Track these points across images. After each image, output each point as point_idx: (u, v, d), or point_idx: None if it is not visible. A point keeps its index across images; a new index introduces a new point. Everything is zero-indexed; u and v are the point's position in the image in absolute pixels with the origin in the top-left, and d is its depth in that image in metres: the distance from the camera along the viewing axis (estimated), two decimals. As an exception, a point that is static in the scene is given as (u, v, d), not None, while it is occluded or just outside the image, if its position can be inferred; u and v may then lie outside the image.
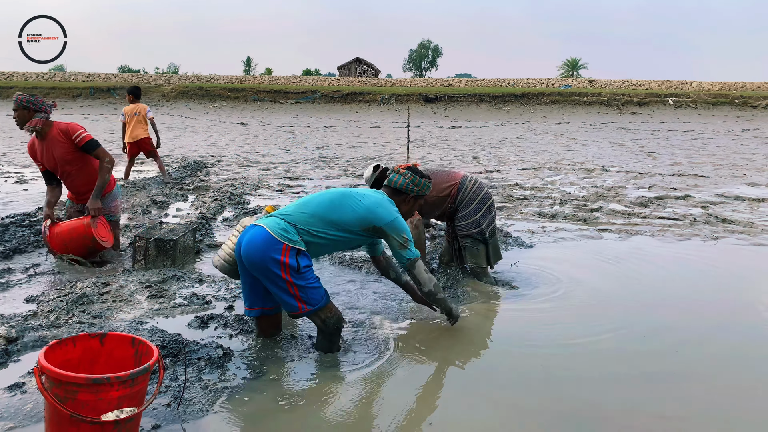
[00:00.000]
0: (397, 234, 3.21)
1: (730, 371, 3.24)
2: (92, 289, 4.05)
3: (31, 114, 4.64)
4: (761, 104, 35.15)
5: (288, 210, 3.22)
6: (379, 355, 3.28)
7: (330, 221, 3.15)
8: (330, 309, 3.21)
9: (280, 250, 3.03)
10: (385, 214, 3.19)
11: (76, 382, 2.06)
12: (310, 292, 3.10)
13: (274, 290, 3.13)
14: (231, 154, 13.76)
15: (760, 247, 5.88)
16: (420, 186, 3.42)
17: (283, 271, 3.04)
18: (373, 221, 3.17)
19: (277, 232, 3.06)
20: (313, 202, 3.22)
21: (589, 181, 10.11)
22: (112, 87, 36.97)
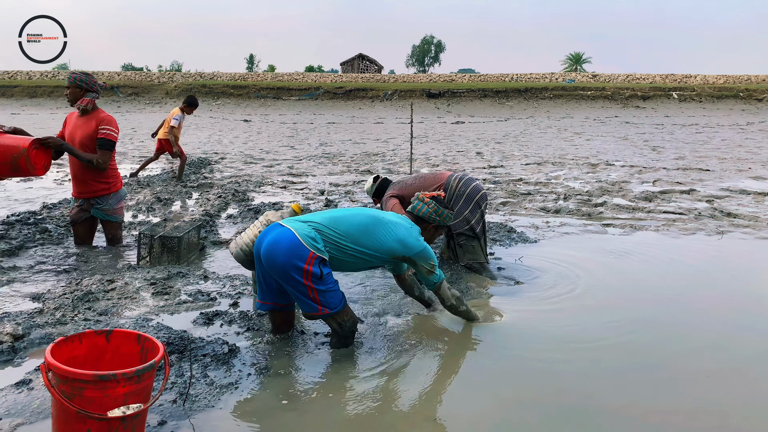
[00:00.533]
0: (425, 262, 3.32)
1: (731, 364, 3.23)
2: (98, 287, 4.07)
3: (83, 92, 4.82)
4: (766, 97, 34.96)
5: (318, 220, 3.21)
6: (384, 353, 3.28)
7: (360, 244, 3.18)
8: (347, 312, 3.22)
9: (305, 258, 3.03)
10: (415, 244, 3.29)
11: (82, 379, 2.07)
12: (329, 296, 3.12)
13: (292, 292, 3.14)
14: (234, 151, 13.77)
15: (765, 240, 5.86)
16: (442, 217, 3.51)
17: (305, 278, 3.05)
18: (404, 252, 3.26)
19: (306, 240, 3.06)
20: (345, 222, 3.22)
21: (593, 175, 10.08)
22: (116, 85, 37.00)
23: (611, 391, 2.91)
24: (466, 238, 4.55)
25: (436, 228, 3.57)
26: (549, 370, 3.12)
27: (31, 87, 36.31)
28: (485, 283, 4.45)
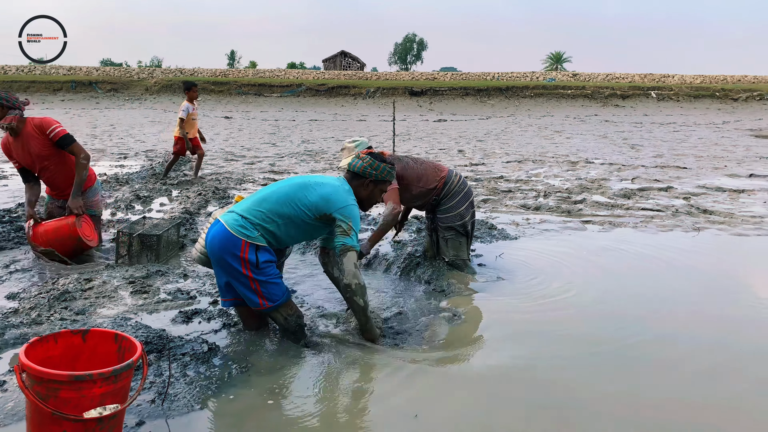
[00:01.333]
0: (343, 220, 3.15)
1: (711, 358, 3.28)
2: (74, 286, 4.01)
3: (5, 111, 4.51)
4: (741, 97, 35.58)
5: (245, 205, 3.20)
6: (366, 349, 3.28)
7: (288, 215, 3.14)
8: (291, 306, 3.22)
9: (239, 247, 3.04)
10: (338, 200, 3.17)
11: (57, 380, 2.04)
12: (271, 287, 3.12)
13: (236, 285, 3.15)
14: (215, 148, 13.65)
15: (740, 237, 5.96)
16: (379, 171, 3.36)
17: (243, 267, 3.05)
18: (325, 209, 3.15)
19: (235, 229, 3.06)
20: (272, 197, 3.19)
21: (573, 173, 10.18)
22: (94, 80, 36.46)
23: (589, 384, 2.95)
24: (455, 233, 4.57)
25: (374, 183, 3.38)
26: (529, 365, 3.15)
27: (6, 82, 35.59)
28: (466, 279, 4.47)
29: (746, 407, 2.79)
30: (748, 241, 5.86)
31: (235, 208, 3.21)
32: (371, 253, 4.99)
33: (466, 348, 3.38)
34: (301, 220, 3.17)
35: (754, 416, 2.72)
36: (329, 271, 3.59)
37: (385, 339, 3.43)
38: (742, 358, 3.32)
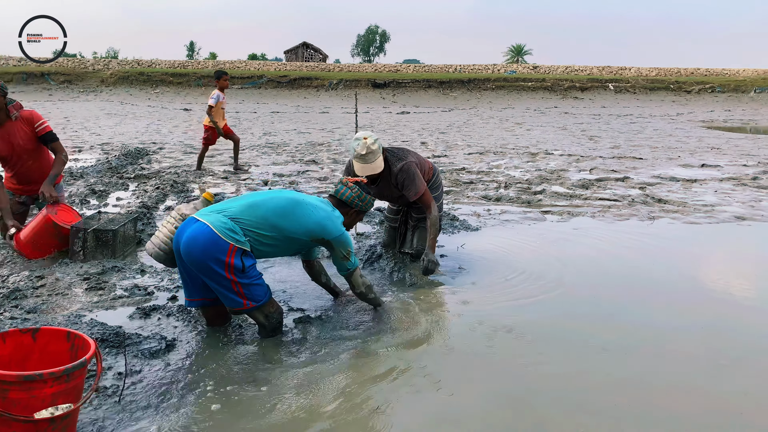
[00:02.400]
0: (342, 248, 3.32)
1: (671, 342, 3.39)
2: (25, 283, 3.88)
3: (5, 100, 4.45)
4: (695, 89, 36.70)
5: (234, 209, 3.12)
6: (331, 344, 3.27)
7: (279, 228, 3.13)
8: (272, 304, 3.20)
9: (225, 251, 2.97)
10: (334, 229, 3.28)
11: (5, 380, 1.97)
12: (254, 289, 3.08)
13: (215, 287, 3.06)
14: (174, 141, 13.37)
15: (692, 225, 6.16)
16: (365, 202, 3.52)
17: (227, 272, 2.99)
18: (322, 235, 3.25)
19: (224, 232, 2.98)
20: (263, 207, 3.15)
21: (533, 164, 10.34)
22: (47, 72, 35.21)
23: (551, 366, 3.01)
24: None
25: (357, 213, 3.56)
26: (491, 355, 3.19)
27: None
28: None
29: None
30: (701, 228, 6.06)
31: (221, 210, 3.12)
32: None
33: (428, 339, 3.40)
34: (295, 237, 3.20)
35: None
36: (318, 280, 3.80)
37: (351, 331, 3.42)
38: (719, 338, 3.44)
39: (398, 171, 4.21)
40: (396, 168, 4.22)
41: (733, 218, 6.45)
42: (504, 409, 2.67)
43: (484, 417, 2.60)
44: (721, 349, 3.33)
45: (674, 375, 3.01)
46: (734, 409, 2.70)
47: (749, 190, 8.12)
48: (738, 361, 3.16)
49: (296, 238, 3.20)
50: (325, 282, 3.80)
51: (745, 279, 4.70)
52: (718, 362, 3.14)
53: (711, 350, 3.31)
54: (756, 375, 3.04)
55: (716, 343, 3.42)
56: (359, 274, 3.49)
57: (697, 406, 2.73)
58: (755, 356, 3.26)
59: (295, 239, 3.21)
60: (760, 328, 3.67)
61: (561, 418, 2.59)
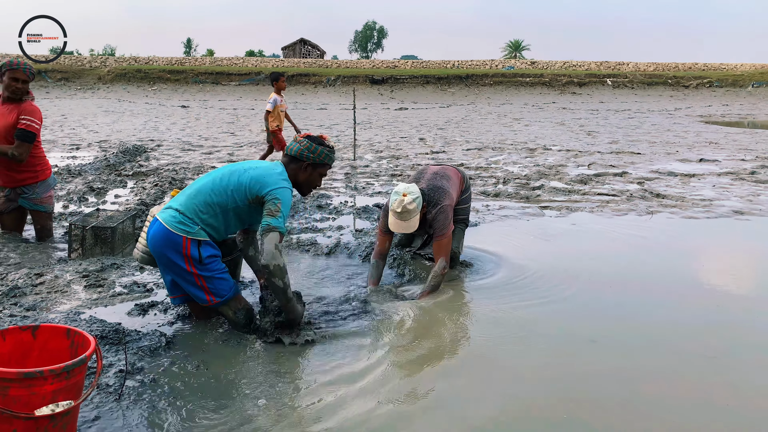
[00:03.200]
0: (274, 201, 3.04)
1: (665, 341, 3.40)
2: (24, 281, 3.88)
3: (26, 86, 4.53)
4: (692, 84, 36.71)
5: (181, 200, 3.14)
6: (326, 338, 3.27)
7: (222, 203, 3.09)
8: (239, 300, 3.19)
9: (180, 244, 3.00)
10: (270, 182, 3.08)
11: (6, 377, 1.97)
12: (217, 283, 3.08)
13: (182, 284, 3.10)
14: (172, 138, 13.36)
15: (691, 219, 6.17)
16: (316, 153, 3.25)
17: (187, 264, 3.01)
18: (257, 191, 3.07)
19: (174, 226, 3.01)
20: (205, 188, 3.13)
21: (531, 160, 10.34)
22: (44, 70, 35.12)
23: (547, 362, 3.02)
24: (465, 226, 4.60)
25: (312, 166, 3.28)
26: (497, 351, 3.20)
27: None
28: (428, 266, 4.49)
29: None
30: (698, 223, 6.06)
31: (172, 204, 3.14)
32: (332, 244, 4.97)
33: (430, 334, 3.40)
34: (237, 206, 3.11)
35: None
36: (245, 251, 3.54)
37: (348, 324, 3.42)
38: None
39: (434, 214, 4.00)
40: (431, 214, 4.02)
41: (731, 213, 6.46)
42: (518, 411, 2.68)
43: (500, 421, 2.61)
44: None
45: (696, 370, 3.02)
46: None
47: (747, 184, 8.13)
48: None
49: (240, 207, 3.10)
50: (252, 255, 3.54)
51: (744, 273, 4.72)
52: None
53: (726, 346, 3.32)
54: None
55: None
56: (277, 241, 2.97)
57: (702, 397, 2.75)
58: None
59: (239, 207, 3.10)
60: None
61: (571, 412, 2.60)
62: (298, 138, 3.35)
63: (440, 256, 3.97)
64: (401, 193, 3.83)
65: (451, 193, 4.16)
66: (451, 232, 4.07)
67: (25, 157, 4.56)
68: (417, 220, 3.85)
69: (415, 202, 3.80)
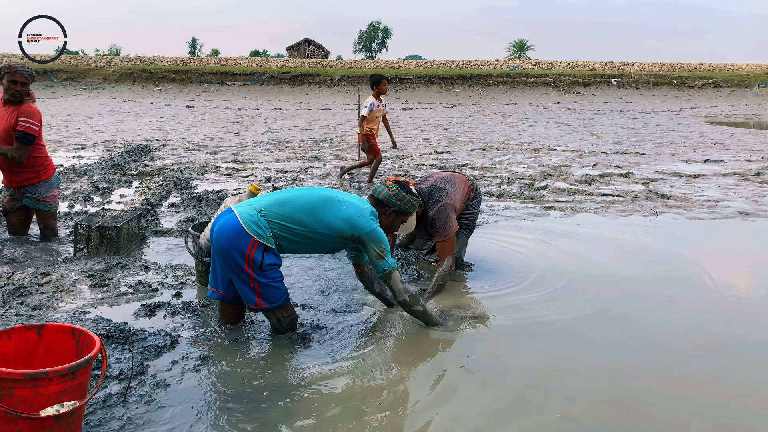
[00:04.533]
0: (375, 244, 3.15)
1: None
2: (30, 280, 3.89)
3: (26, 88, 4.52)
4: (698, 84, 36.56)
5: (264, 203, 3.13)
6: (338, 345, 3.27)
7: (306, 224, 3.08)
8: (286, 308, 3.19)
9: (247, 244, 2.99)
10: (365, 224, 3.14)
11: (11, 378, 1.98)
12: (270, 290, 3.08)
13: (236, 280, 3.09)
14: (177, 137, 13.38)
15: (696, 220, 6.14)
16: (403, 202, 3.34)
17: (246, 264, 3.00)
18: (352, 231, 3.12)
19: (248, 225, 3.00)
20: (293, 202, 3.13)
21: (536, 160, 10.32)
22: (49, 69, 35.22)
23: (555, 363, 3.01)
24: (469, 232, 4.58)
25: (396, 213, 3.38)
26: (503, 354, 3.20)
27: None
28: (431, 267, 4.50)
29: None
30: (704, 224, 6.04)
31: (254, 203, 3.13)
32: None
33: (423, 334, 3.40)
34: (321, 233, 3.11)
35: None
36: (372, 289, 3.60)
37: (362, 337, 3.42)
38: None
39: (434, 213, 4.08)
40: (432, 212, 4.11)
41: (737, 213, 6.43)
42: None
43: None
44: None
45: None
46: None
47: (753, 185, 8.09)
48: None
49: (324, 234, 3.12)
50: (380, 292, 3.59)
51: (751, 274, 4.70)
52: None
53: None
54: None
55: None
56: (400, 279, 3.24)
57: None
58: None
59: (323, 235, 3.12)
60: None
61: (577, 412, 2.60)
62: (388, 182, 3.36)
63: (445, 256, 4.02)
64: None
65: (451, 194, 4.18)
66: (454, 233, 4.07)
67: (24, 158, 4.55)
68: (413, 220, 3.88)
69: None
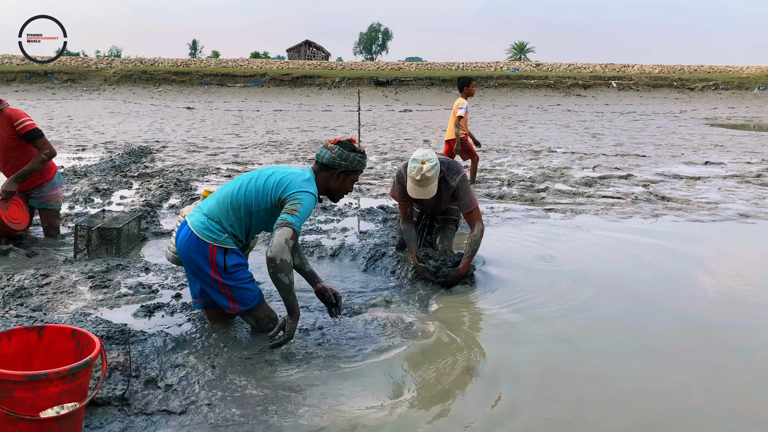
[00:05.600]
0: (293, 202, 2.95)
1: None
2: (30, 282, 3.89)
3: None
4: (698, 86, 36.58)
5: (208, 205, 3.12)
6: (339, 346, 3.27)
7: (247, 206, 3.06)
8: (263, 309, 3.19)
9: (207, 251, 3.00)
10: (293, 186, 3.00)
11: (11, 380, 1.98)
12: (241, 292, 3.08)
13: (207, 289, 3.11)
14: (177, 139, 13.39)
15: (696, 222, 6.14)
16: (348, 160, 3.16)
17: (212, 271, 3.02)
18: (280, 194, 3.00)
19: (201, 232, 3.01)
20: (229, 194, 3.10)
21: (536, 162, 10.32)
22: (50, 71, 35.26)
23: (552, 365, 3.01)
24: (456, 227, 4.62)
25: (345, 173, 3.19)
26: (509, 355, 3.19)
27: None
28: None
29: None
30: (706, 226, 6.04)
31: (201, 207, 3.14)
32: (338, 245, 4.97)
33: (441, 338, 3.40)
34: (261, 209, 3.07)
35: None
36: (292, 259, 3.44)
37: (359, 329, 3.42)
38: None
39: (457, 183, 4.13)
40: (455, 181, 4.14)
41: (737, 216, 6.43)
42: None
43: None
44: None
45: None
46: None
47: (753, 187, 8.09)
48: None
49: (265, 210, 3.06)
50: (299, 264, 3.34)
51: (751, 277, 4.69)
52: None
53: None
54: None
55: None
56: (287, 236, 2.84)
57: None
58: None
59: (264, 210, 3.06)
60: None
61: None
62: (329, 145, 3.25)
63: (475, 221, 4.13)
64: (420, 160, 3.94)
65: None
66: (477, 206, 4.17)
67: (52, 149, 4.70)
68: (435, 185, 3.96)
69: (433, 169, 3.92)
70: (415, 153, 4.05)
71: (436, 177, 3.95)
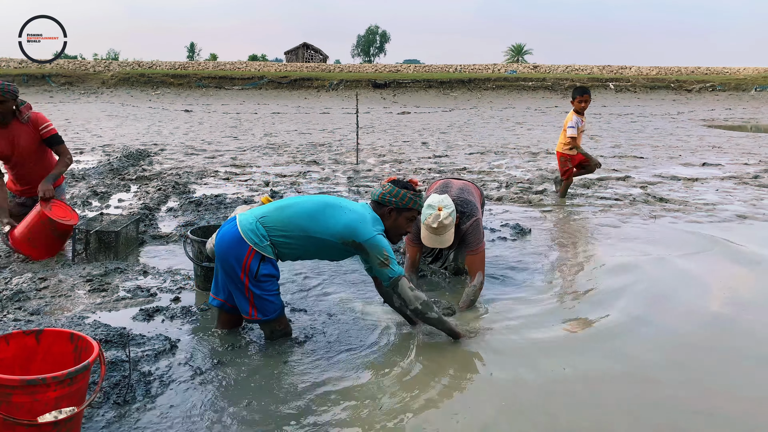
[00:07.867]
0: (376, 252, 3.04)
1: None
2: (28, 285, 3.89)
3: (16, 102, 4.49)
4: (695, 88, 36.68)
5: (265, 209, 3.12)
6: (340, 352, 3.26)
7: (304, 229, 3.04)
8: (280, 322, 3.19)
9: (244, 252, 2.99)
10: (364, 230, 3.04)
11: (8, 384, 1.97)
12: (264, 303, 3.07)
13: (232, 288, 3.10)
14: (175, 142, 13.37)
15: (694, 224, 6.15)
16: (398, 197, 3.18)
17: (243, 273, 3.00)
18: (352, 237, 3.04)
19: (246, 233, 3.00)
20: (292, 208, 3.10)
21: (534, 164, 10.33)
22: (48, 74, 35.24)
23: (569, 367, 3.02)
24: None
25: (397, 211, 3.21)
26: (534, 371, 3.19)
27: (-47, 75, 34.11)
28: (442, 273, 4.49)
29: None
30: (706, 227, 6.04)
31: (255, 211, 3.14)
32: None
33: (425, 344, 3.40)
34: (324, 239, 3.05)
35: None
36: (391, 303, 3.41)
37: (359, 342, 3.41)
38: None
39: (467, 227, 3.93)
40: (465, 225, 3.94)
41: (735, 217, 6.43)
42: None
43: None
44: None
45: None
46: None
47: (750, 188, 8.11)
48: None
49: (325, 240, 3.05)
50: (399, 306, 3.38)
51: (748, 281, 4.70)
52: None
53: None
54: None
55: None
56: (409, 286, 3.09)
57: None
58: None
59: (324, 241, 3.06)
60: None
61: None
62: (383, 183, 3.28)
63: (477, 271, 3.89)
64: (436, 206, 3.70)
65: (477, 206, 4.08)
66: (484, 247, 3.95)
67: (71, 156, 4.79)
68: (452, 234, 3.74)
69: (451, 216, 3.70)
70: (429, 199, 3.77)
71: (453, 224, 3.73)
